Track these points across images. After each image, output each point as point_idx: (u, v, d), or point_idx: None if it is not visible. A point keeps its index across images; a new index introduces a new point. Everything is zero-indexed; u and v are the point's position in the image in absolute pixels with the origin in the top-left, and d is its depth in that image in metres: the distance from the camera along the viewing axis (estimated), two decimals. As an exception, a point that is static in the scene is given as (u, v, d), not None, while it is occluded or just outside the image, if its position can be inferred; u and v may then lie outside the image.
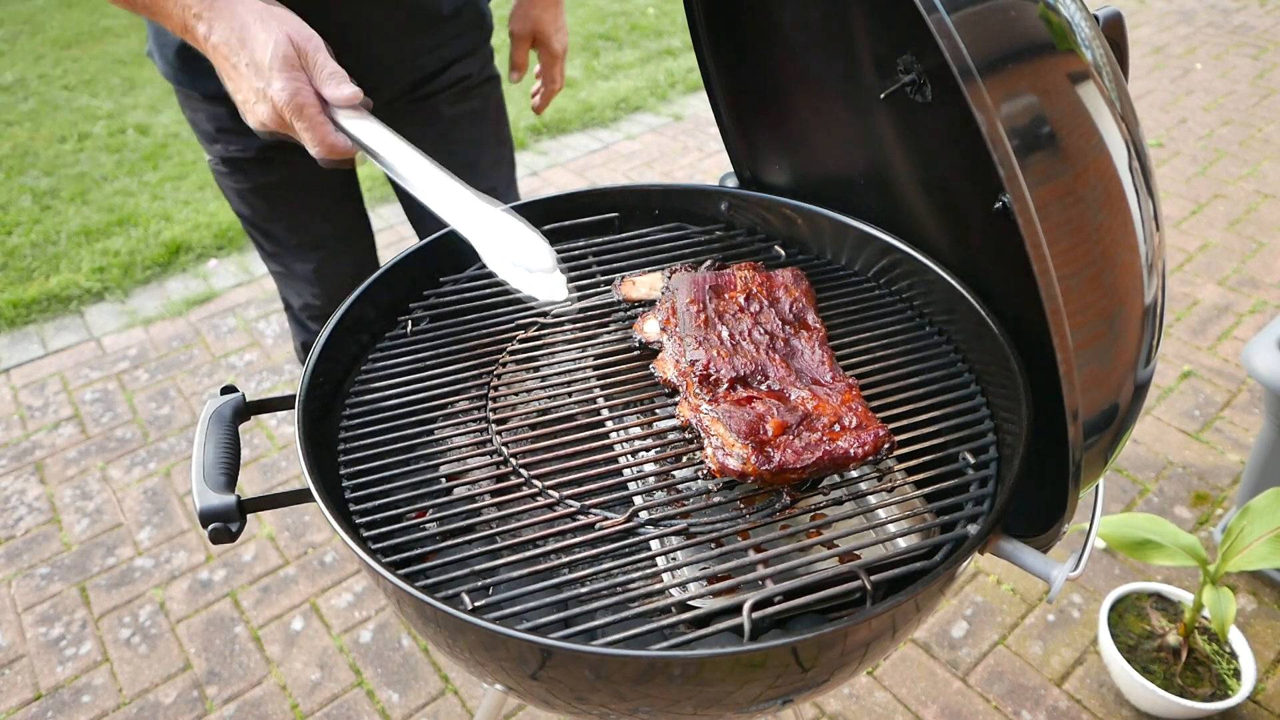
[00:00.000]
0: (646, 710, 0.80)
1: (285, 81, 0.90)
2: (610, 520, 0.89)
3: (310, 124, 0.92)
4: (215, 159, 1.41)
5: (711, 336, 1.03)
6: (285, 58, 0.91)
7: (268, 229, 1.50)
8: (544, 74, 1.62)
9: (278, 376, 2.75)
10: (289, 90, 0.90)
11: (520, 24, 1.55)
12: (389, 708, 1.84)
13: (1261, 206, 3.31)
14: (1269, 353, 1.75)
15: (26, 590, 2.11)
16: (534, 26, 1.55)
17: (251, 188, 1.42)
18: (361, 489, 0.92)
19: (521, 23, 1.55)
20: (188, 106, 1.37)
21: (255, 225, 1.51)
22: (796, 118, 1.27)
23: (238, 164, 1.38)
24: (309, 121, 0.92)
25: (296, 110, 0.91)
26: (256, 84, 0.92)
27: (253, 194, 1.43)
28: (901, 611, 0.78)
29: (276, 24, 0.92)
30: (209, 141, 1.39)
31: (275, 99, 0.91)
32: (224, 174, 1.42)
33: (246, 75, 0.93)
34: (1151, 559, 1.64)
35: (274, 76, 0.90)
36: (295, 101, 0.91)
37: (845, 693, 1.82)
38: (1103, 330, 0.72)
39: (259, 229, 1.52)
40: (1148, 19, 4.94)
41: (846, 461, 0.89)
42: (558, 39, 1.57)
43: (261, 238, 1.54)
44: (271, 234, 1.51)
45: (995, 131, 0.65)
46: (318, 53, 0.93)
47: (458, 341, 1.12)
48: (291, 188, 1.45)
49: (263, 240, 1.54)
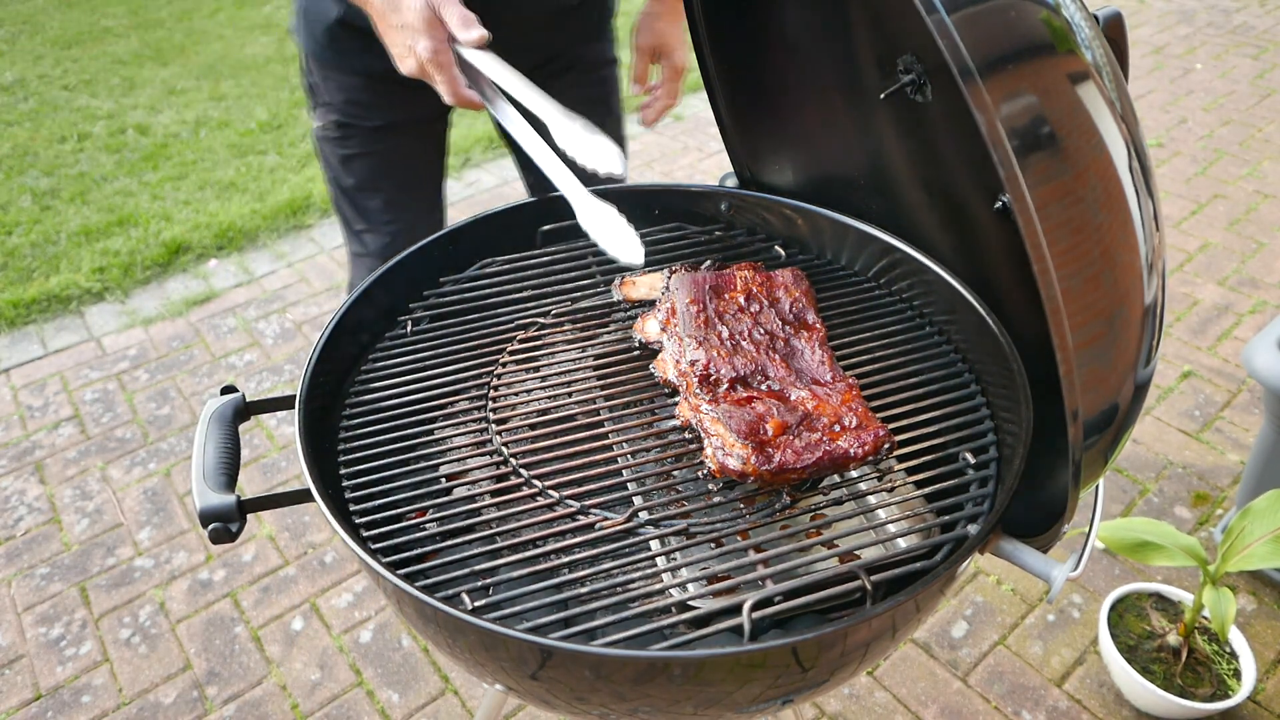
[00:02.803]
0: (646, 710, 0.80)
1: (428, 40, 1.09)
2: (610, 520, 0.89)
3: (446, 77, 1.11)
4: (331, 125, 1.53)
5: (711, 336, 1.03)
6: (427, 20, 1.09)
7: (362, 201, 1.60)
8: (665, 88, 1.66)
9: (278, 376, 2.75)
10: (430, 49, 1.09)
11: (645, 38, 1.60)
12: (389, 708, 1.84)
13: (1261, 206, 3.31)
14: (1269, 353, 1.75)
15: (26, 590, 2.11)
16: (658, 41, 1.60)
17: (361, 154, 1.55)
18: (361, 489, 0.92)
19: (646, 37, 1.60)
20: (320, 77, 1.50)
21: (350, 195, 1.60)
22: (796, 118, 1.27)
23: (356, 131, 1.52)
24: (445, 75, 1.11)
25: (436, 66, 1.10)
26: (405, 40, 1.12)
27: (360, 160, 1.56)
28: (901, 611, 0.78)
29: None
30: (330, 111, 1.51)
31: (420, 55, 1.10)
32: (336, 139, 1.54)
33: (398, 33, 1.12)
34: (1151, 559, 1.64)
35: (419, 36, 1.09)
36: (435, 59, 1.10)
37: (845, 693, 1.82)
38: (1103, 330, 0.72)
39: (352, 200, 1.60)
40: (1148, 19, 4.94)
41: (847, 462, 0.89)
42: (680, 54, 1.62)
43: (352, 210, 1.62)
44: (363, 206, 1.61)
45: (995, 131, 0.65)
46: (452, 4, 1.10)
47: (458, 341, 1.12)
48: (395, 161, 1.58)
49: (353, 213, 1.62)
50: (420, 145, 1.58)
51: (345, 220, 1.65)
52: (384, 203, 1.60)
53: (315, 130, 1.57)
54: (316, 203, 3.55)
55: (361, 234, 1.64)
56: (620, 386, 1.04)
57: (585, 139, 1.04)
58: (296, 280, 3.17)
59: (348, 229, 1.65)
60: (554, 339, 1.13)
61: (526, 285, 1.20)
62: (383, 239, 1.62)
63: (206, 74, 4.76)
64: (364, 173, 1.57)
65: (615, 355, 1.10)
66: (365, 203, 1.60)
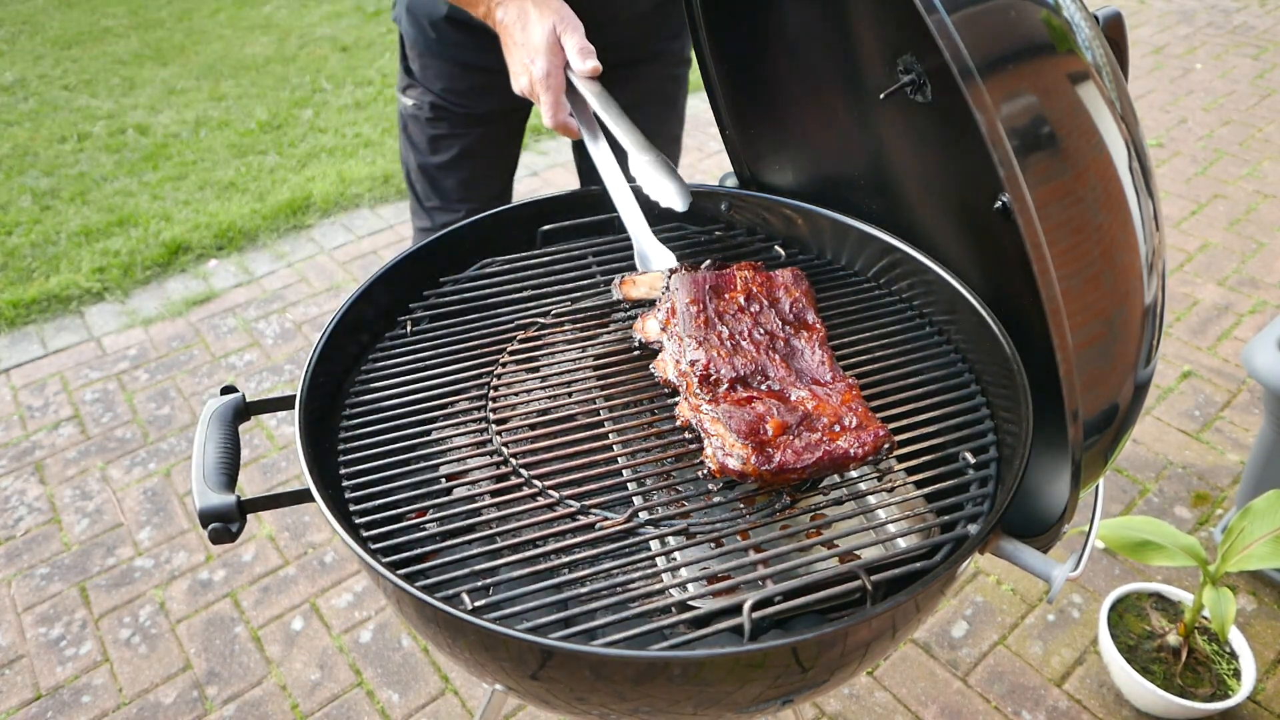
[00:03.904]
0: (646, 710, 0.80)
1: (545, 61, 1.16)
2: (610, 520, 0.89)
3: (552, 100, 1.17)
4: (425, 107, 1.59)
5: (711, 337, 1.03)
6: (549, 44, 1.16)
7: (439, 179, 1.67)
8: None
9: (278, 376, 2.75)
10: (544, 70, 1.16)
11: None
12: (389, 708, 1.84)
13: (1261, 206, 3.31)
14: (1269, 353, 1.75)
15: (26, 590, 2.11)
16: None
17: (450, 136, 1.62)
18: (361, 489, 0.92)
19: None
20: (420, 64, 1.57)
21: (430, 173, 1.67)
22: (796, 118, 1.27)
23: (449, 115, 1.59)
24: (552, 97, 1.17)
25: (545, 87, 1.16)
26: (524, 59, 1.18)
27: (448, 141, 1.63)
28: (901, 611, 0.78)
29: (550, 12, 1.17)
30: (426, 94, 1.57)
31: (534, 74, 1.17)
32: (427, 119, 1.60)
33: (519, 50, 1.19)
34: (1151, 559, 1.64)
35: (538, 56, 1.16)
36: (546, 80, 1.16)
37: (845, 693, 1.82)
38: (1103, 330, 0.72)
39: (430, 177, 1.67)
40: (1148, 19, 4.94)
41: (847, 462, 0.89)
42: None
43: (428, 187, 1.69)
44: (441, 185, 1.68)
45: (995, 132, 0.65)
46: (574, 33, 1.17)
47: (458, 341, 1.12)
48: (480, 145, 1.65)
49: (428, 190, 1.69)
50: (505, 132, 1.66)
51: (417, 196, 1.72)
52: (460, 182, 1.67)
53: (405, 108, 1.63)
54: (316, 203, 3.55)
55: (433, 210, 1.71)
56: (620, 386, 1.04)
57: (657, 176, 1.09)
58: (296, 280, 3.17)
59: (419, 205, 1.73)
60: (554, 339, 1.13)
61: (526, 285, 1.20)
62: (451, 216, 1.68)
63: (206, 74, 4.76)
64: (450, 154, 1.64)
65: (615, 355, 1.10)
66: (443, 181, 1.67)
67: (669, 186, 1.08)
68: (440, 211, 1.71)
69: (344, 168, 3.78)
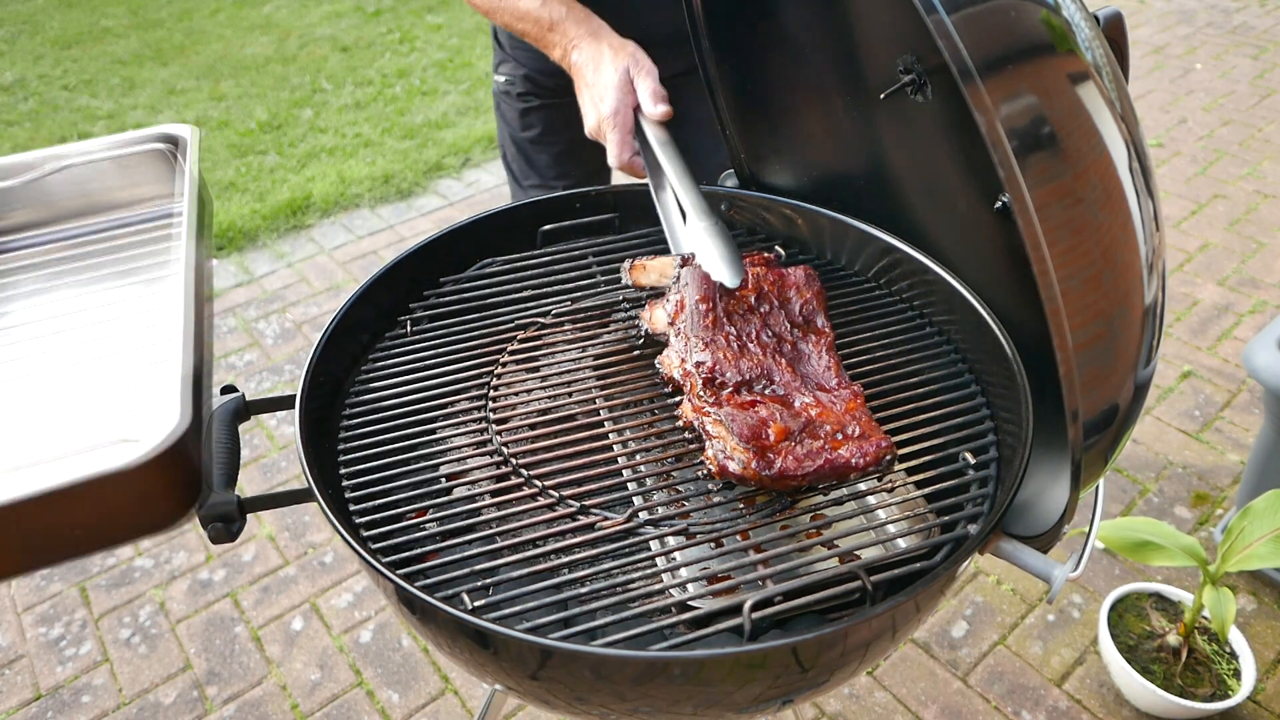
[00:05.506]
0: (646, 710, 0.80)
1: (614, 103, 1.19)
2: (610, 520, 0.89)
3: (619, 139, 1.21)
4: (518, 80, 1.63)
5: (719, 337, 1.03)
6: (621, 85, 1.19)
7: (533, 156, 1.70)
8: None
9: (278, 376, 2.75)
10: (613, 108, 1.19)
11: None
12: (389, 708, 1.84)
13: (1261, 206, 3.31)
14: (1269, 353, 1.75)
15: (26, 590, 2.11)
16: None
17: (539, 108, 1.65)
18: (361, 489, 0.92)
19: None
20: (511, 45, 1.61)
21: (524, 149, 1.69)
22: (796, 118, 1.27)
23: (538, 87, 1.62)
24: (620, 136, 1.21)
25: (612, 125, 1.20)
26: (594, 99, 1.22)
27: (537, 114, 1.66)
28: (901, 611, 0.78)
29: (625, 55, 1.20)
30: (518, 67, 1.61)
31: (602, 113, 1.20)
32: (523, 94, 1.63)
33: (590, 91, 1.23)
34: (1151, 559, 1.64)
35: (608, 96, 1.19)
36: (614, 119, 1.20)
37: (845, 693, 1.82)
38: (1103, 330, 0.72)
39: (525, 153, 1.70)
40: (1148, 19, 4.94)
41: (848, 471, 0.89)
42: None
43: (523, 164, 1.71)
44: (535, 160, 1.70)
45: (995, 132, 0.65)
46: (648, 77, 1.19)
47: (458, 341, 1.12)
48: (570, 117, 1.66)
49: (523, 167, 1.72)
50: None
51: (514, 176, 1.75)
52: (553, 157, 1.69)
53: (498, 85, 1.67)
54: (316, 203, 3.56)
55: (531, 189, 1.73)
56: (620, 386, 1.04)
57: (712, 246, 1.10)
58: (296, 280, 3.17)
59: (517, 186, 1.76)
60: (554, 339, 1.13)
61: (526, 285, 1.20)
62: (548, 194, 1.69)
63: (206, 74, 4.77)
64: (540, 126, 1.67)
65: (615, 355, 1.10)
66: (537, 157, 1.69)
67: (722, 259, 1.07)
68: (539, 189, 1.71)
69: (344, 168, 3.78)
